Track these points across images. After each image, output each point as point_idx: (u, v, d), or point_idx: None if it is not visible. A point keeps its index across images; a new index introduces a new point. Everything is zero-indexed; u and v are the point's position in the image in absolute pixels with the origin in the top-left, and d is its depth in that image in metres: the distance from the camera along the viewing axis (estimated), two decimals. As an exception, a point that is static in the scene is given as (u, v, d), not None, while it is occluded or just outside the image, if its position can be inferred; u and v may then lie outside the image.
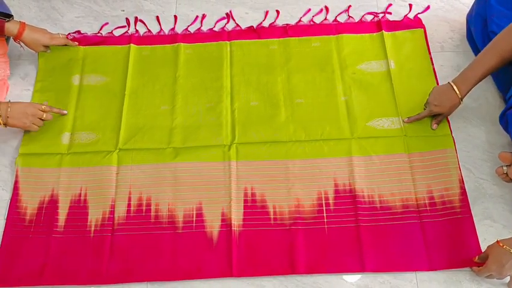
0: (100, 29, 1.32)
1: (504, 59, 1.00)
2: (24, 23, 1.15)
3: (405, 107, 1.16)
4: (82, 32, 1.31)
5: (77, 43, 1.27)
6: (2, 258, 1.02)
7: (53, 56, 1.26)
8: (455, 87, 1.04)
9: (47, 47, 1.23)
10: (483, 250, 0.96)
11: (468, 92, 1.05)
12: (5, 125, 1.05)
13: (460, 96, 1.05)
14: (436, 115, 1.12)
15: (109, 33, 1.32)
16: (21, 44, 1.18)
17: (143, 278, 0.99)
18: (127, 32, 1.32)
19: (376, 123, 1.14)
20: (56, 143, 1.14)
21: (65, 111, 1.17)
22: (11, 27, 1.12)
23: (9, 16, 1.13)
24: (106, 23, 1.33)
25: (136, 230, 1.04)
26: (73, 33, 1.30)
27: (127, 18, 1.34)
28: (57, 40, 1.23)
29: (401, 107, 1.16)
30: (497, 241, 0.90)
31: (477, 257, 0.96)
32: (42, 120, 1.09)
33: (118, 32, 1.32)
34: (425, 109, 1.13)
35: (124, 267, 1.00)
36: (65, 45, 1.25)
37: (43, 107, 1.09)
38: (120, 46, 1.28)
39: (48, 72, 1.25)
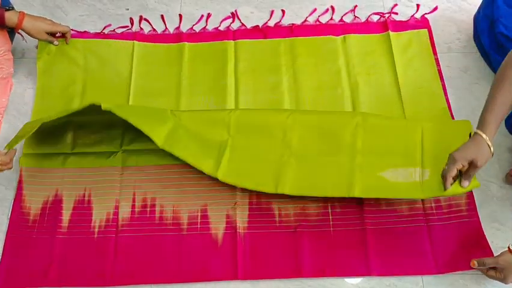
0: (103, 30, 1.31)
1: None
2: (23, 12, 1.15)
3: (411, 107, 1.15)
4: (84, 30, 1.30)
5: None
6: (5, 258, 1.01)
7: (54, 53, 1.25)
8: (484, 136, 0.85)
9: (53, 35, 1.23)
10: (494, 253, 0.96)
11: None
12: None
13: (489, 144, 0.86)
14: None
15: (111, 31, 1.31)
16: (24, 36, 1.18)
17: (148, 280, 0.99)
18: (130, 29, 1.31)
19: None
20: (59, 143, 1.13)
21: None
22: (11, 16, 1.13)
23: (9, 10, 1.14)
24: (109, 25, 1.32)
25: (140, 231, 1.03)
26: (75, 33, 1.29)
27: (130, 18, 1.33)
28: (60, 27, 1.23)
29: (407, 107, 1.15)
30: (509, 248, 0.89)
31: (484, 261, 0.92)
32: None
33: (121, 31, 1.31)
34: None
35: (128, 268, 0.99)
36: (63, 35, 1.25)
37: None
38: (124, 41, 1.27)
39: (50, 71, 1.23)
